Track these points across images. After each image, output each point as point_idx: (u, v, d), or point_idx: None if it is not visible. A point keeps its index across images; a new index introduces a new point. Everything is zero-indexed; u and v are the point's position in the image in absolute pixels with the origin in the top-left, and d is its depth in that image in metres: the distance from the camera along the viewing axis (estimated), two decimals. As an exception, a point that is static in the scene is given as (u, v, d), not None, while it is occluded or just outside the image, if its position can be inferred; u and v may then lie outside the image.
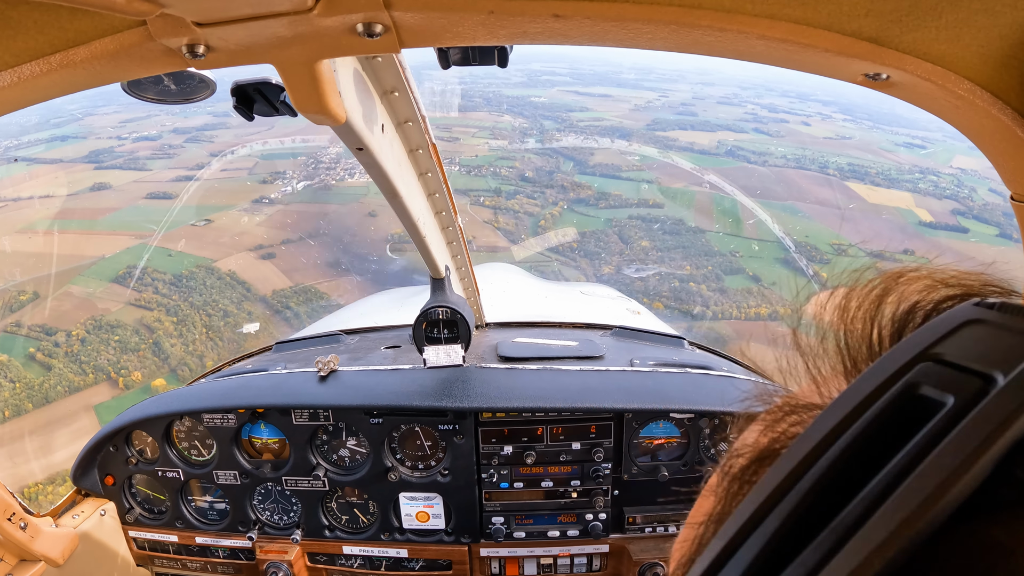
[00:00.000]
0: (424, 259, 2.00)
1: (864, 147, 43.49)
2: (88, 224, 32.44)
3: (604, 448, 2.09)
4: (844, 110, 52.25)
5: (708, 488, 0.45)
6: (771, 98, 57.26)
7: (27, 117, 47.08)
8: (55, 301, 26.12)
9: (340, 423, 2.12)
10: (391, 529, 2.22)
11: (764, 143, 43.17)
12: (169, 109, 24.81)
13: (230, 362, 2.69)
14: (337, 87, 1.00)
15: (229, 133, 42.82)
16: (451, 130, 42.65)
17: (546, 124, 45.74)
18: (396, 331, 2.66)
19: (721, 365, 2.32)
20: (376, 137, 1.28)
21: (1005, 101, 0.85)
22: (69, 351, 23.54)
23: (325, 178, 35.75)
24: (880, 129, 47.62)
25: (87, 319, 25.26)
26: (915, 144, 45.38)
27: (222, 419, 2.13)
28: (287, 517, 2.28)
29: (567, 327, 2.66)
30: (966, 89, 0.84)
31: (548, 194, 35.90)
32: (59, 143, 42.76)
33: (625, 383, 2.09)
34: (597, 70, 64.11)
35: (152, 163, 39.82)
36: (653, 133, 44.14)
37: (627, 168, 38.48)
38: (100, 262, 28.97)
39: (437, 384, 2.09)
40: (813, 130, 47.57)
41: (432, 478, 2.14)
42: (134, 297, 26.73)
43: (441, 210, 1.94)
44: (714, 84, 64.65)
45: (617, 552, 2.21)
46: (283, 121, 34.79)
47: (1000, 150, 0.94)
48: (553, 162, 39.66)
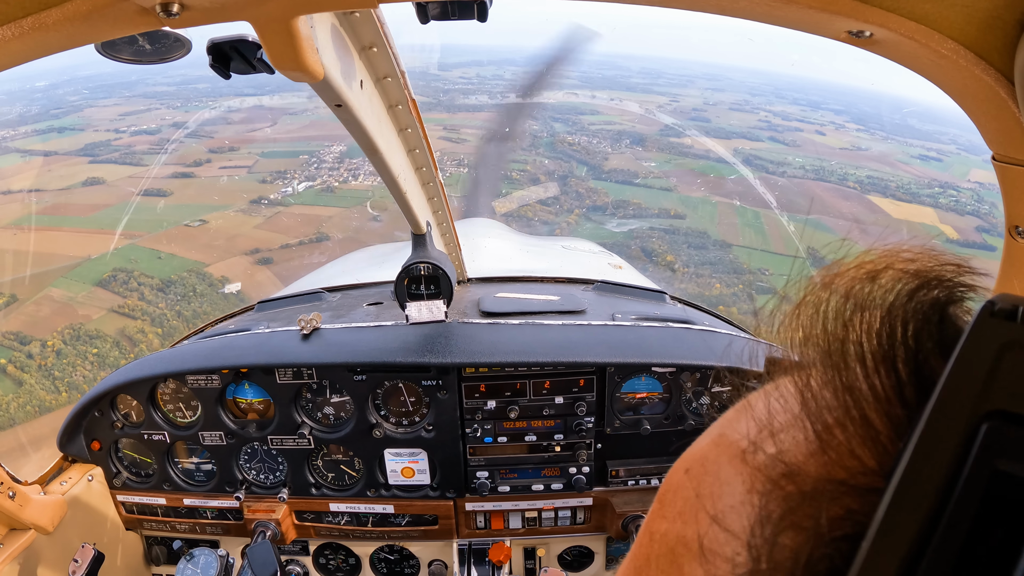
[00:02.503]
0: (405, 215, 1.98)
1: (881, 159, 42.56)
2: (76, 221, 30.90)
3: (587, 402, 2.10)
4: (856, 120, 51.44)
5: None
6: (782, 105, 56.34)
7: (27, 107, 46.02)
8: (33, 305, 24.46)
9: (324, 381, 2.11)
10: (377, 485, 2.22)
11: (781, 152, 42.12)
12: (170, 103, 23.06)
13: (213, 322, 2.66)
14: (315, 43, 0.98)
15: (230, 129, 41.63)
16: (459, 131, 41.35)
17: (556, 127, 44.55)
18: (378, 288, 2.64)
19: (703, 319, 2.33)
20: (355, 93, 1.26)
21: (988, 61, 0.85)
22: (43, 364, 21.25)
23: (328, 179, 34.25)
24: (894, 140, 46.84)
25: (65, 327, 23.13)
26: (931, 157, 44.52)
27: (206, 380, 2.12)
28: (273, 476, 2.27)
29: (549, 282, 2.65)
30: (950, 49, 0.85)
31: (563, 200, 34.50)
32: (56, 135, 41.53)
33: (607, 337, 2.09)
34: (606, 74, 63.19)
35: (148, 158, 38.52)
36: (667, 139, 42.97)
37: (643, 174, 37.20)
38: (85, 263, 27.38)
39: (420, 340, 2.08)
40: (828, 140, 46.64)
41: (416, 434, 2.15)
42: (118, 303, 25.02)
43: (421, 166, 1.93)
44: (724, 90, 63.76)
45: (600, 505, 2.23)
46: (285, 118, 33.27)
47: (982, 110, 0.95)
48: (566, 166, 38.40)
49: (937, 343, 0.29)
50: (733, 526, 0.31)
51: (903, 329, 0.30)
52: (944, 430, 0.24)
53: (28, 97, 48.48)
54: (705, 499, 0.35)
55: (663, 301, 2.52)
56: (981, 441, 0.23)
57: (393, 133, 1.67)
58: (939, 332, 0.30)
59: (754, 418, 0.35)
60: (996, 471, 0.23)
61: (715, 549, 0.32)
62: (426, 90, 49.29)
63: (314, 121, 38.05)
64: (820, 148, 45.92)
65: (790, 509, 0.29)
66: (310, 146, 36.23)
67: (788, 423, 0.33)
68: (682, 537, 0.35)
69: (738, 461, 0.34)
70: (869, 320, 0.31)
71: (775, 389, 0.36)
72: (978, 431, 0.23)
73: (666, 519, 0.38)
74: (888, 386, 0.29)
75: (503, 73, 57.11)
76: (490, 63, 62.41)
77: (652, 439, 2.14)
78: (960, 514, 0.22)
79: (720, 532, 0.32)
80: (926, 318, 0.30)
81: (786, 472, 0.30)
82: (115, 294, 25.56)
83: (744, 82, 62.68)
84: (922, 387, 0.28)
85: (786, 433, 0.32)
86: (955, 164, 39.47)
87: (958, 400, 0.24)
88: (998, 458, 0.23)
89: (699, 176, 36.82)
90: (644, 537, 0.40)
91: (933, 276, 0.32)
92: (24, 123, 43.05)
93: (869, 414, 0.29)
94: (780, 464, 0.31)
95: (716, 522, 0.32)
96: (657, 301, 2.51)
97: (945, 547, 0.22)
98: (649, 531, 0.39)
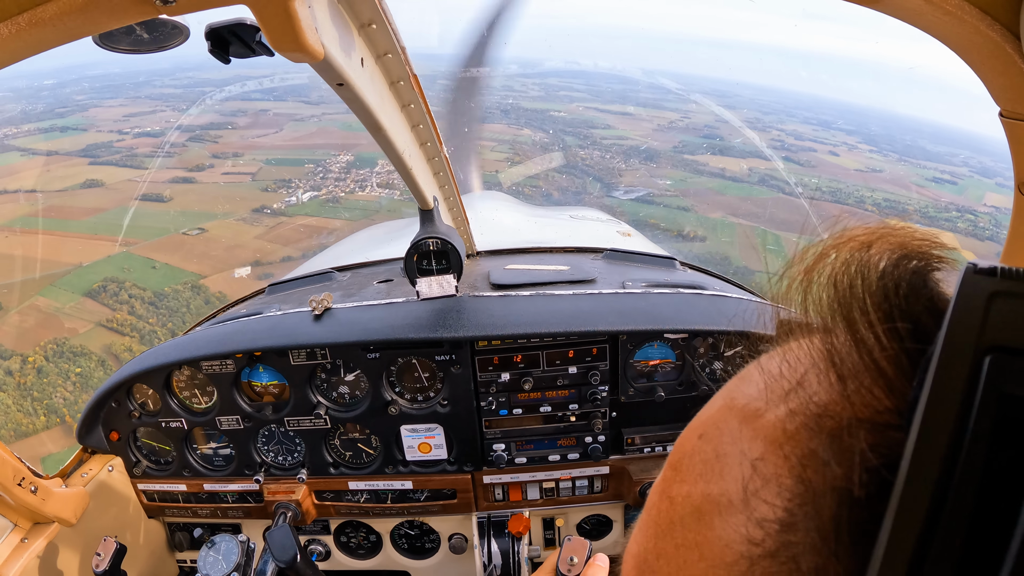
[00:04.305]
0: (411, 191, 1.97)
1: (896, 181, 41.79)
2: (72, 225, 29.71)
3: (600, 371, 2.09)
4: (868, 140, 50.83)
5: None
6: (794, 124, 55.75)
7: (32, 105, 45.40)
8: (18, 315, 23.16)
9: (338, 360, 2.11)
10: (394, 462, 2.22)
11: (797, 173, 41.26)
12: (176, 104, 21.83)
13: (224, 307, 2.66)
14: (313, 23, 0.97)
15: (235, 134, 40.79)
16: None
17: (568, 140, 43.74)
18: (388, 265, 2.63)
19: (713, 284, 2.31)
20: (356, 72, 1.24)
21: (994, 17, 0.85)
22: (22, 383, 19.79)
23: (334, 190, 33.13)
24: (907, 162, 46.14)
25: (48, 342, 21.71)
26: (945, 179, 43.81)
27: (220, 365, 2.12)
28: (292, 457, 2.27)
29: (558, 252, 2.64)
30: (955, 5, 0.84)
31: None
32: (58, 134, 40.69)
33: (618, 305, 2.08)
34: (614, 88, 62.71)
35: (150, 161, 37.58)
36: (681, 156, 42.13)
37: (659, 192, 36.20)
38: (76, 271, 26.14)
39: (431, 315, 2.07)
40: (842, 160, 45.89)
41: (432, 409, 2.14)
42: (106, 317, 23.69)
43: (426, 141, 1.91)
44: (734, 107, 63.18)
45: (617, 473, 2.22)
46: (291, 125, 32.25)
47: (988, 66, 0.95)
48: (579, 182, 37.42)
49: (926, 302, 0.34)
50: (767, 471, 0.35)
51: (896, 290, 0.35)
52: (955, 366, 0.28)
53: (35, 95, 47.86)
54: (729, 456, 0.38)
55: (673, 267, 2.51)
56: (987, 372, 0.28)
57: (396, 110, 1.65)
58: (924, 293, 0.35)
59: (769, 377, 0.39)
60: (1003, 394, 0.27)
61: (756, 493, 0.35)
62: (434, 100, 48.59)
63: (321, 129, 37.23)
64: (835, 169, 45.20)
65: (833, 440, 0.32)
66: (316, 155, 35.23)
67: (804, 377, 0.37)
68: (708, 495, 0.38)
69: (756, 418, 0.37)
70: (868, 283, 0.35)
71: (789, 349, 0.39)
72: (982, 364, 0.28)
73: (686, 482, 0.40)
74: (892, 338, 0.33)
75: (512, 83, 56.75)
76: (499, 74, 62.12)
77: (666, 406, 2.13)
78: (980, 430, 0.27)
79: (756, 478, 0.35)
80: (912, 282, 0.35)
81: (820, 412, 0.34)
82: (104, 306, 24.29)
83: (754, 99, 62.13)
84: (918, 338, 0.33)
85: (807, 384, 0.36)
86: (970, 187, 38.81)
87: (962, 340, 0.29)
88: (1004, 383, 0.27)
89: (716, 195, 35.92)
90: (663, 503, 0.42)
91: (913, 248, 0.37)
92: (28, 121, 42.35)
93: (880, 362, 0.33)
94: (813, 406, 0.35)
95: (754, 469, 0.35)
96: (667, 268, 2.50)
97: (973, 458, 0.26)
98: (668, 496, 0.41)
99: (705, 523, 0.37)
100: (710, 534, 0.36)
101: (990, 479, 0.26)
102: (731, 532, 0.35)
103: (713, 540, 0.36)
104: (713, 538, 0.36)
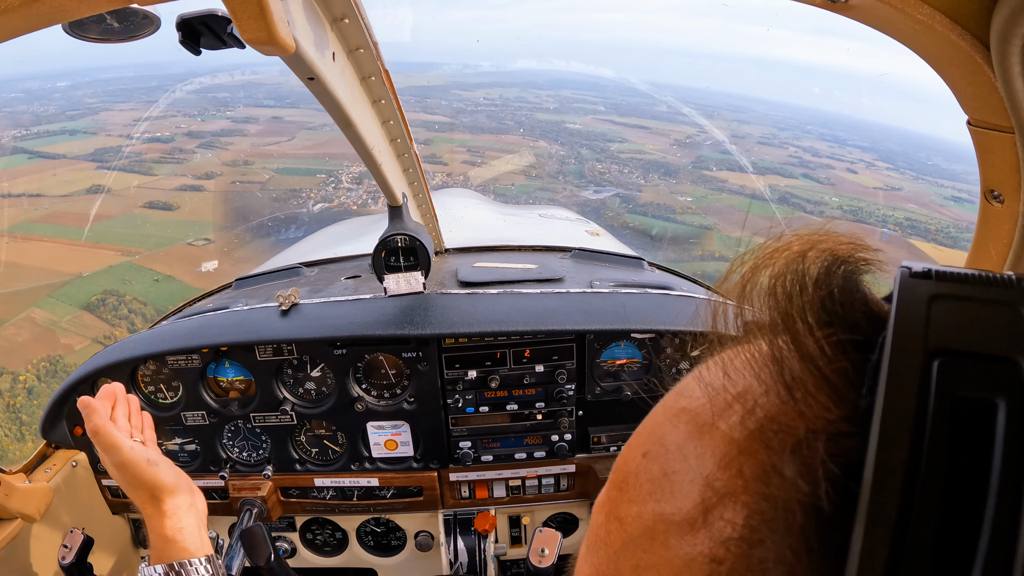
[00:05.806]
0: (380, 187, 1.96)
1: (916, 200, 40.75)
2: (74, 232, 28.86)
3: (567, 370, 2.10)
4: (885, 158, 49.91)
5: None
6: (810, 141, 54.83)
7: (44, 107, 45.08)
8: (12, 328, 22.02)
9: (304, 356, 2.10)
10: (360, 459, 2.21)
11: (817, 191, 40.24)
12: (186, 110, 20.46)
13: (191, 302, 2.64)
14: (285, 16, 0.96)
15: (246, 141, 40.19)
16: (483, 153, 39.69)
17: (584, 153, 42.89)
18: (356, 261, 2.62)
19: (681, 285, 2.32)
20: (327, 66, 1.23)
21: (964, 27, 0.85)
22: (11, 403, 18.53)
23: (346, 201, 32.20)
24: (924, 180, 45.05)
25: (42, 359, 20.44)
26: (963, 199, 42.64)
27: (186, 360, 2.11)
28: (257, 454, 2.26)
29: (526, 250, 2.64)
30: (925, 14, 0.84)
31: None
32: (67, 137, 40.20)
33: (585, 305, 2.08)
34: (630, 100, 61.89)
35: (158, 167, 36.91)
36: (700, 172, 41.19)
37: (680, 210, 35.21)
38: (75, 281, 25.18)
39: (399, 312, 2.07)
40: (861, 178, 44.95)
41: (398, 406, 2.14)
42: (103, 333, 22.52)
43: (396, 137, 1.91)
44: (750, 123, 62.36)
45: (584, 471, 2.23)
46: (303, 133, 31.14)
47: (958, 75, 0.96)
48: (598, 200, 36.50)
49: (862, 307, 0.35)
50: (721, 488, 0.34)
51: (831, 298, 0.35)
52: (906, 373, 0.29)
53: (47, 97, 47.53)
54: (678, 474, 0.36)
55: (641, 268, 2.52)
56: (937, 376, 0.28)
57: (367, 105, 1.65)
58: (859, 298, 0.35)
59: (711, 389, 0.38)
60: (956, 396, 0.28)
61: (712, 510, 0.34)
62: (448, 110, 47.72)
63: (333, 138, 36.55)
64: (855, 187, 44.16)
65: (793, 454, 0.32)
66: (328, 164, 34.43)
67: (748, 388, 0.36)
68: (660, 514, 0.36)
69: (703, 433, 0.36)
70: (806, 293, 0.36)
71: (730, 359, 0.38)
72: (931, 369, 0.28)
73: (635, 503, 0.39)
74: (835, 348, 0.33)
75: (526, 95, 55.93)
76: (513, 84, 61.25)
77: (633, 405, 2.13)
78: (937, 436, 0.27)
79: (712, 495, 0.34)
80: (845, 287, 0.35)
81: (773, 426, 0.33)
82: (103, 320, 23.21)
83: (769, 115, 61.38)
84: (860, 347, 0.33)
85: (752, 395, 0.35)
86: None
87: (910, 346, 0.29)
88: (955, 386, 0.28)
89: (738, 213, 34.88)
90: (612, 524, 0.40)
91: (840, 253, 0.37)
92: (39, 123, 42.03)
93: (825, 372, 0.33)
94: (762, 418, 0.34)
95: (709, 486, 0.34)
96: (635, 268, 2.51)
97: (934, 464, 0.27)
98: (616, 517, 0.40)
99: (660, 543, 0.36)
100: (668, 554, 0.35)
101: (953, 482, 0.27)
102: (690, 551, 0.34)
103: (672, 560, 0.35)
104: (672, 558, 0.35)
